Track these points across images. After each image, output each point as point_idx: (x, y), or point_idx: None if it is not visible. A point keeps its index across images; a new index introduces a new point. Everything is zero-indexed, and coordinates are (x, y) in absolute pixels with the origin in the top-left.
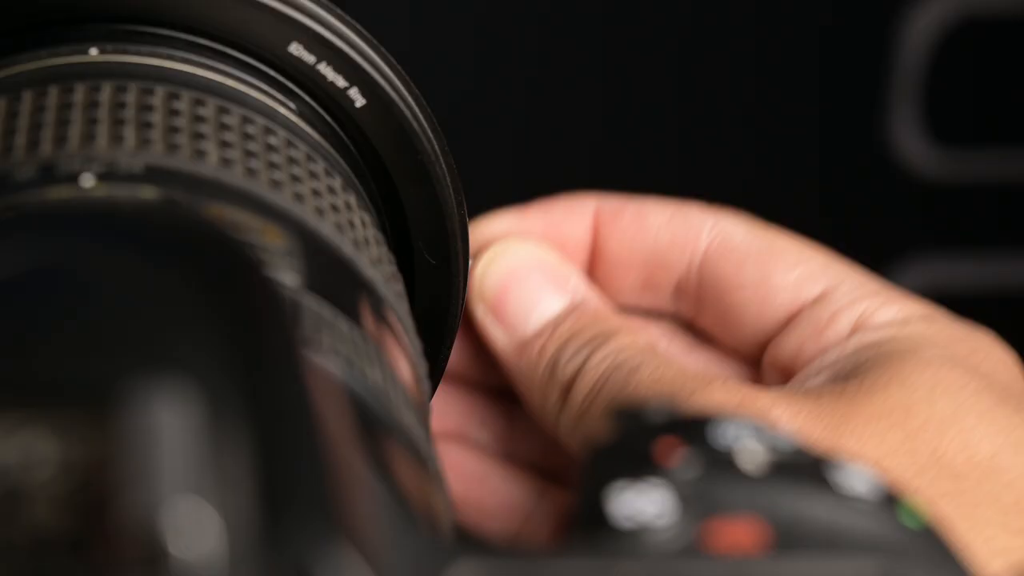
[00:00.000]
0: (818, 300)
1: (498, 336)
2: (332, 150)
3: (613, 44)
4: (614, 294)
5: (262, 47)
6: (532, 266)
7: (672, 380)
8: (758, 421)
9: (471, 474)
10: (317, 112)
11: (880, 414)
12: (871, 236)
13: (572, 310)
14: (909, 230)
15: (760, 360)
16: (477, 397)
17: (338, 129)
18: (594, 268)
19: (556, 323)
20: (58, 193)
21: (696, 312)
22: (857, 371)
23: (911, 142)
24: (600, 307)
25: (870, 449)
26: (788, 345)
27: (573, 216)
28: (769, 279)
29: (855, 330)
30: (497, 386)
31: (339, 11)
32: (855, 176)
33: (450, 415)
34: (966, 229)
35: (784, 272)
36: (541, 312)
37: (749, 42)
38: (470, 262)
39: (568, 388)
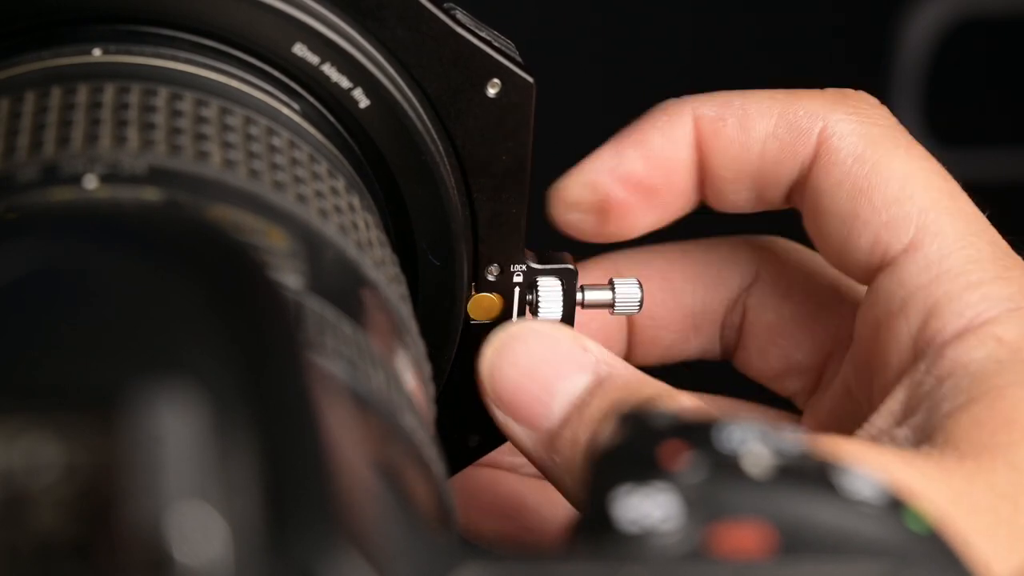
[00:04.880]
0: (895, 265)
1: (523, 437)
2: (335, 151)
3: (613, 48)
4: (729, 208)
5: (266, 48)
6: (541, 349)
7: None
8: (764, 425)
9: None
10: (321, 113)
11: (989, 506)
12: None
13: (597, 386)
14: None
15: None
16: None
17: (342, 130)
18: (703, 185)
19: (581, 405)
20: (61, 195)
21: (807, 221)
22: (946, 429)
23: None
24: (629, 375)
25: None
26: (864, 325)
27: (672, 136)
28: (856, 216)
29: (926, 340)
30: None
31: (344, 11)
32: None
33: None
34: None
35: (873, 211)
36: (563, 397)
37: (750, 42)
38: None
39: None
